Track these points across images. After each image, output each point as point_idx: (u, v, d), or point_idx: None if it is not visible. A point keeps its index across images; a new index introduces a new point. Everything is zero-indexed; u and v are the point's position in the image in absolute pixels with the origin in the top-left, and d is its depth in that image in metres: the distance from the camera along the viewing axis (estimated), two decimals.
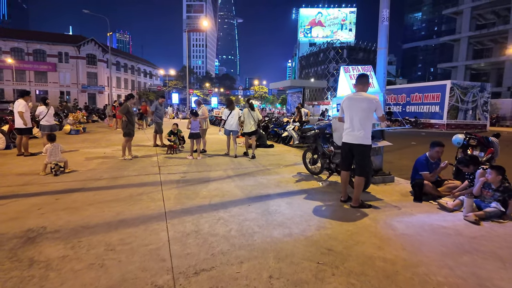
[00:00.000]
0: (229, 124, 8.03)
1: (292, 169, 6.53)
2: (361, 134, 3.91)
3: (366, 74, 4.05)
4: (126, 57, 68.17)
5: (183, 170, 6.26)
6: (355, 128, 3.96)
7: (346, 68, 4.76)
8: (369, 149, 3.99)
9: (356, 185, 4.02)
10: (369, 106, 3.88)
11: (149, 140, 11.31)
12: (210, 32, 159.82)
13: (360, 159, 4.00)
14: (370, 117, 3.92)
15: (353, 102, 4.01)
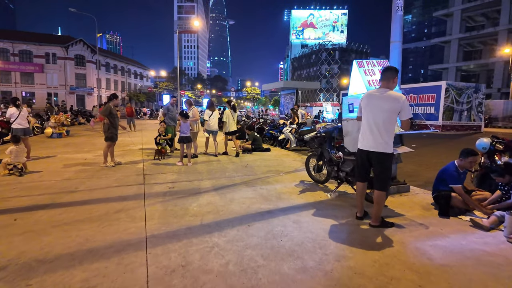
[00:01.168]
0: (209, 124, 8.26)
1: (293, 177, 5.88)
2: (382, 140, 3.26)
3: (394, 67, 3.39)
4: (116, 58, 66.91)
5: (171, 179, 5.54)
6: (374, 132, 3.31)
7: (360, 62, 4.15)
8: (390, 159, 3.34)
9: (376, 201, 3.37)
10: (392, 107, 3.22)
11: (136, 144, 10.53)
12: (201, 33, 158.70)
13: (380, 171, 3.35)
14: (393, 120, 3.26)
15: (374, 100, 3.35)
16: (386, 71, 3.37)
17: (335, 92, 67.79)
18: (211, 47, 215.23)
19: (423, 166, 7.47)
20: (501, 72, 43.26)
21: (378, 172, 3.37)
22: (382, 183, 3.36)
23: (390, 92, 3.29)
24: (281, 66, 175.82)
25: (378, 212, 3.37)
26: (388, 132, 3.26)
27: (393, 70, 3.37)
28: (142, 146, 10.10)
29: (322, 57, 71.67)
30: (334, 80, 69.18)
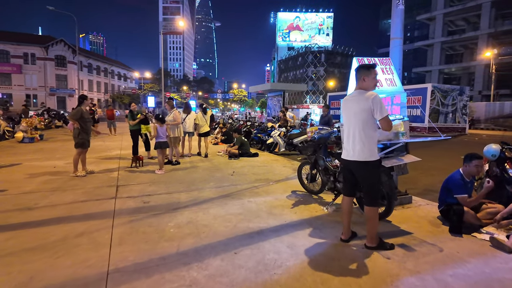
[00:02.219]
0: (185, 126, 8.35)
1: (284, 186, 5.37)
2: (358, 147, 2.82)
3: (369, 64, 2.93)
4: (99, 59, 65.09)
5: (148, 192, 4.94)
6: (350, 139, 2.90)
7: (360, 59, 3.69)
8: (373, 168, 2.86)
9: (367, 217, 2.92)
10: (362, 108, 2.78)
11: (113, 150, 9.80)
12: (187, 34, 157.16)
13: (364, 182, 2.90)
14: (368, 123, 2.79)
15: (347, 104, 2.97)
16: (358, 71, 2.95)
17: (321, 94, 68.07)
18: (197, 48, 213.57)
19: (419, 170, 7.12)
20: (481, 75, 44.33)
21: (362, 184, 2.93)
22: (368, 197, 2.91)
23: (361, 93, 2.85)
24: (268, 68, 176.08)
25: (372, 230, 2.91)
26: (366, 137, 2.80)
27: (359, 68, 2.93)
28: (121, 152, 9.40)
29: (308, 60, 71.90)
30: (321, 82, 69.50)
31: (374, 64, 2.83)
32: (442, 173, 6.28)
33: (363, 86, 2.88)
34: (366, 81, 2.85)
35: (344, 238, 3.10)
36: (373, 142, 2.83)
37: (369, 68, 2.86)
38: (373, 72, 2.83)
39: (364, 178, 2.88)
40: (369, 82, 2.85)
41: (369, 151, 2.81)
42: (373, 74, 2.83)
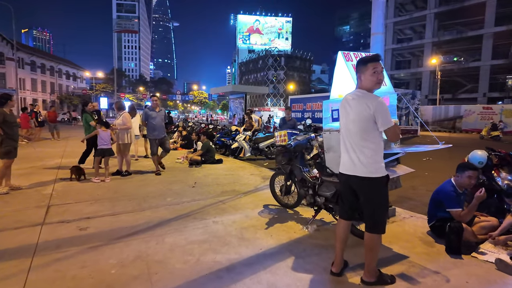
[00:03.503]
0: (135, 128, 8.20)
1: (254, 199, 4.72)
2: (359, 160, 2.27)
3: (368, 57, 2.36)
4: (44, 57, 59.43)
5: (87, 213, 3.98)
6: (349, 150, 2.35)
7: (346, 54, 3.15)
8: (379, 185, 2.30)
9: (368, 247, 2.35)
10: (361, 114, 2.24)
11: (53, 158, 8.42)
12: (144, 34, 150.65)
13: (370, 204, 2.33)
14: (368, 131, 2.25)
15: (345, 107, 2.41)
16: (356, 67, 2.40)
17: (282, 97, 68.96)
18: (154, 48, 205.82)
19: None
20: (427, 80, 47.76)
21: (364, 205, 2.36)
22: (371, 221, 2.33)
23: (361, 95, 2.29)
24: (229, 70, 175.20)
25: (372, 263, 2.36)
26: (368, 148, 2.26)
27: (357, 64, 2.39)
28: (61, 160, 8.08)
29: (268, 63, 72.52)
30: (281, 85, 70.44)
31: (375, 55, 2.28)
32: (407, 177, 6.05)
33: (361, 86, 2.32)
34: (363, 80, 2.30)
35: (335, 271, 2.51)
36: (378, 154, 2.28)
37: (365, 62, 2.29)
38: (370, 67, 2.27)
39: (368, 197, 2.31)
40: (367, 80, 2.29)
41: (374, 165, 2.25)
42: (371, 68, 2.27)
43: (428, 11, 46.51)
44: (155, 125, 6.47)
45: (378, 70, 2.26)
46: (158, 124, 6.52)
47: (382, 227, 2.33)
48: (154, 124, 6.46)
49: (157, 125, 6.50)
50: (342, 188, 2.54)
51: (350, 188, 2.43)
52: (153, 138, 6.49)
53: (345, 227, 2.53)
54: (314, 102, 32.14)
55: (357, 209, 2.54)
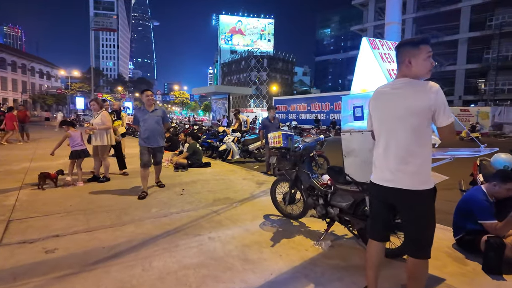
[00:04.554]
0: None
1: (252, 209, 4.20)
2: (406, 168, 1.80)
3: (424, 38, 1.86)
4: (15, 54, 56.37)
5: (56, 229, 3.33)
6: (390, 155, 1.86)
7: (372, 40, 2.69)
8: (431, 200, 1.86)
9: (414, 276, 1.88)
10: (416, 106, 1.76)
11: (20, 162, 7.53)
12: (122, 32, 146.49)
13: (417, 223, 1.85)
14: (422, 130, 1.79)
15: (384, 101, 1.92)
16: (399, 49, 1.91)
17: (264, 98, 68.76)
18: (133, 47, 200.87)
19: None
20: None
21: (408, 225, 1.89)
22: (417, 244, 1.86)
23: (413, 83, 1.82)
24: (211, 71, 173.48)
25: None
26: (417, 153, 1.79)
27: (402, 46, 1.91)
28: (30, 165, 7.23)
29: (251, 64, 72.20)
30: (264, 87, 70.27)
31: (425, 37, 1.84)
32: None
33: (409, 72, 1.86)
34: (414, 66, 1.84)
35: None
36: (429, 160, 1.83)
37: (417, 44, 1.83)
38: (424, 50, 1.81)
39: (414, 215, 1.84)
40: (420, 65, 1.83)
41: (425, 175, 1.80)
42: (425, 52, 1.80)
43: (407, 15, 47.72)
44: (146, 129, 4.84)
45: (430, 55, 1.82)
46: (151, 128, 4.83)
47: (428, 250, 1.88)
48: (145, 129, 4.84)
49: (149, 130, 4.82)
50: (375, 202, 2.07)
51: (386, 202, 1.97)
52: (144, 145, 4.86)
53: (378, 250, 2.06)
54: (299, 103, 32.09)
55: (390, 228, 2.10)
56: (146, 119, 4.85)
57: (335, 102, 27.44)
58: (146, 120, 4.85)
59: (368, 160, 2.45)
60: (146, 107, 4.94)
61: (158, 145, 4.97)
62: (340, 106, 26.85)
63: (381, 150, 1.94)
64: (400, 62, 1.89)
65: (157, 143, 4.93)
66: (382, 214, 2.02)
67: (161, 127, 4.97)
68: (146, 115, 4.87)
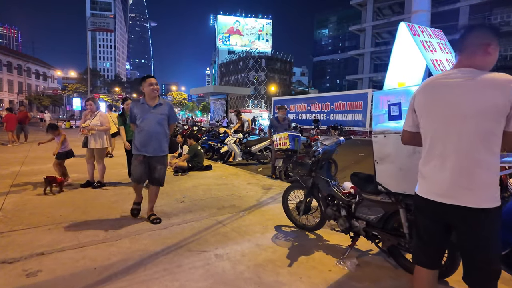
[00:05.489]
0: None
1: (261, 219, 3.81)
2: (478, 181, 1.43)
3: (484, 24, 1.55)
4: (11, 54, 55.78)
5: (42, 244, 2.92)
6: (450, 165, 1.49)
7: (412, 26, 2.31)
8: (497, 219, 1.49)
9: None
10: (490, 105, 1.39)
11: (9, 165, 7.09)
12: (119, 33, 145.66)
13: (483, 247, 1.48)
14: (496, 134, 1.43)
15: (445, 95, 1.53)
16: (468, 34, 1.54)
17: (263, 99, 68.44)
18: (131, 48, 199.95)
19: None
20: None
21: (471, 250, 1.51)
22: (482, 273, 1.50)
23: (482, 74, 1.46)
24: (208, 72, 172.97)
25: None
26: (486, 163, 1.43)
27: (490, 30, 1.52)
28: (21, 168, 6.80)
29: (249, 64, 71.87)
30: (262, 87, 69.95)
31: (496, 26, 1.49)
32: None
33: (483, 63, 1.49)
34: (493, 54, 1.48)
35: None
36: (498, 172, 1.46)
37: (497, 30, 1.49)
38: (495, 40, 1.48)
39: (478, 238, 1.47)
40: (495, 56, 1.49)
41: (494, 190, 1.43)
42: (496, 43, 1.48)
43: (404, 15, 47.56)
44: (141, 130, 3.53)
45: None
46: (150, 130, 3.51)
47: (496, 275, 1.51)
48: (141, 129, 3.54)
49: (147, 132, 3.52)
50: (424, 221, 1.68)
51: (442, 221, 1.59)
52: (137, 153, 3.57)
53: (431, 279, 1.67)
54: (298, 104, 31.74)
55: (443, 252, 1.72)
56: (146, 117, 3.51)
57: (336, 102, 27.13)
58: (145, 119, 3.50)
59: (406, 167, 2.08)
60: (147, 101, 3.54)
61: (158, 154, 3.56)
62: (340, 107, 26.64)
63: (435, 157, 1.56)
64: (469, 48, 1.51)
65: (156, 151, 3.54)
66: (435, 236, 1.64)
67: (165, 130, 3.63)
68: (147, 112, 3.52)
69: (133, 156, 3.61)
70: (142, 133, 3.52)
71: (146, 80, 3.55)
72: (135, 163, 3.58)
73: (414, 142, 1.77)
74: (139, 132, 3.55)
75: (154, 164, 3.59)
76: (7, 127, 11.88)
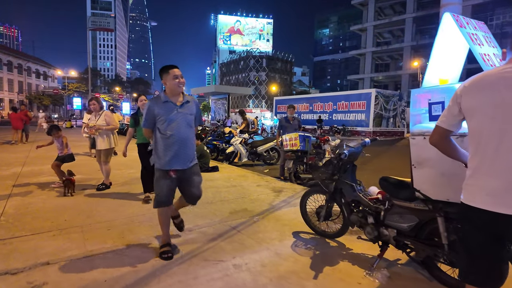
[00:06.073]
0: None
1: (276, 224, 3.61)
2: None
3: None
4: (11, 54, 55.64)
5: (47, 252, 2.72)
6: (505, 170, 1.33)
7: (457, 17, 2.13)
8: None
9: None
10: None
11: (9, 166, 6.90)
12: (120, 32, 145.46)
13: None
14: None
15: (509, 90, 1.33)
16: None
17: (263, 98, 68.21)
18: (131, 48, 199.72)
19: None
20: (407, 83, 48.51)
21: None
22: None
23: None
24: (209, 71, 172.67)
25: None
26: None
27: None
28: (22, 169, 6.62)
29: (250, 64, 71.63)
30: (263, 87, 69.75)
31: None
32: None
33: None
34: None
35: None
36: None
37: None
38: None
39: None
40: None
41: None
42: None
43: (406, 15, 47.37)
44: (171, 136, 2.69)
45: None
46: (180, 136, 2.72)
47: None
48: (169, 135, 2.69)
49: (178, 139, 2.71)
50: (476, 234, 1.48)
51: (495, 233, 1.40)
52: (164, 168, 2.72)
53: None
54: (300, 103, 31.51)
55: (503, 271, 1.53)
56: (174, 119, 2.68)
57: (338, 102, 26.91)
58: (172, 121, 2.68)
59: (451, 172, 1.88)
60: (170, 97, 2.73)
61: (192, 164, 2.84)
62: (343, 106, 26.43)
63: (487, 160, 1.38)
64: None
65: (191, 161, 2.82)
66: (488, 249, 1.45)
67: (194, 134, 2.90)
68: (174, 112, 2.70)
69: (159, 171, 2.74)
70: (171, 141, 2.67)
71: (169, 71, 2.69)
72: (162, 180, 2.71)
73: (443, 144, 1.62)
74: (166, 139, 2.67)
75: (189, 176, 2.80)
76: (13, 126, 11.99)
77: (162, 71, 2.74)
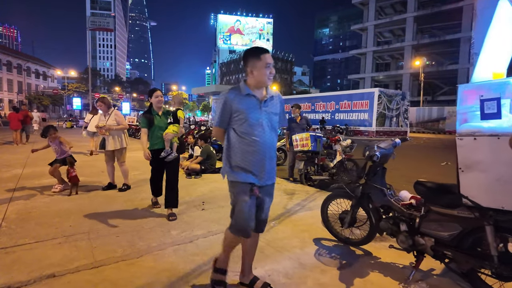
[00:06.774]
0: (92, 126, 8.21)
1: (293, 229, 3.41)
2: None
3: None
4: (10, 54, 55.34)
5: (53, 262, 2.52)
6: None
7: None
8: None
9: None
10: None
11: (10, 167, 6.69)
12: (119, 32, 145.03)
13: None
14: None
15: None
16: None
17: None
18: (130, 48, 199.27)
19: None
20: (407, 82, 48.33)
21: None
22: None
23: None
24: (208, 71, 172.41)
25: None
26: None
27: None
28: (23, 171, 6.42)
29: None
30: None
31: None
32: None
33: None
34: None
35: None
36: None
37: None
38: None
39: None
40: None
41: None
42: None
43: (407, 14, 47.17)
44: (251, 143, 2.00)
45: None
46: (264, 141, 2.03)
47: None
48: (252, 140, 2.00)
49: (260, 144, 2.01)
50: None
51: None
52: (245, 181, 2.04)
53: None
54: (302, 103, 31.30)
55: None
56: (256, 117, 2.01)
57: (341, 101, 26.71)
58: (255, 120, 2.01)
59: (507, 177, 1.68)
60: (253, 90, 2.04)
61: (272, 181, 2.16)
62: (346, 106, 26.23)
63: None
64: None
65: (271, 176, 2.14)
66: None
67: (277, 139, 2.20)
68: (256, 109, 2.03)
69: (238, 185, 2.04)
70: (254, 148, 2.00)
71: (261, 57, 1.97)
72: (243, 197, 2.00)
73: None
74: (247, 144, 1.99)
75: (263, 196, 2.10)
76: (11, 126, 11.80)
77: (250, 55, 2.01)
